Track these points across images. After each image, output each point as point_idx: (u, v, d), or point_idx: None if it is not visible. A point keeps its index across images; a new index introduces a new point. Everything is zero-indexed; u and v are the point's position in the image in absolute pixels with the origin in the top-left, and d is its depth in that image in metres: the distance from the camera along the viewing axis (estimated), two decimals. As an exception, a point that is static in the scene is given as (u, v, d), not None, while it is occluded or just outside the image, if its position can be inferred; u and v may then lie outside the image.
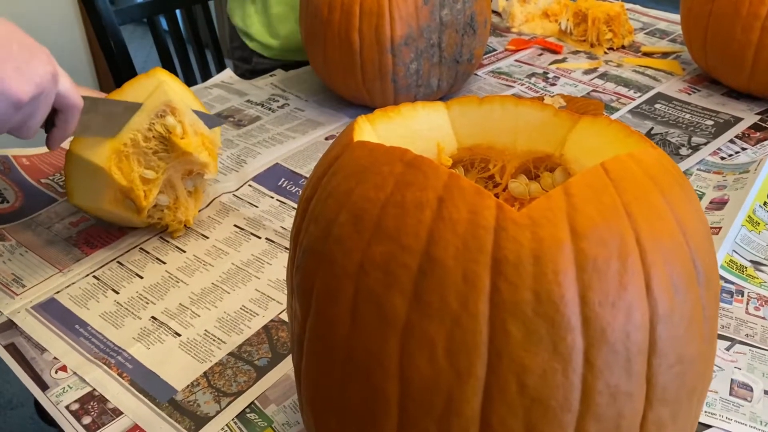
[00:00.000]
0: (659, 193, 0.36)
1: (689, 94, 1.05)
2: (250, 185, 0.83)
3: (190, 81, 1.39)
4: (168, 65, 1.37)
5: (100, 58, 1.91)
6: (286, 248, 0.70)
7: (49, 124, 0.58)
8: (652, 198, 0.35)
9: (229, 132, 0.94)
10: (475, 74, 1.11)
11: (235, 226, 0.73)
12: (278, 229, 0.74)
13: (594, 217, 0.33)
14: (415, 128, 0.49)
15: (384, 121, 0.48)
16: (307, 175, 0.84)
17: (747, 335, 0.62)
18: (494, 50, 1.20)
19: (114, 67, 1.28)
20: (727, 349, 0.61)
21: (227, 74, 1.12)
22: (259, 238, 0.72)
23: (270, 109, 1.01)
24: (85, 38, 1.86)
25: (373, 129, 0.47)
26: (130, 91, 0.66)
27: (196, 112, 0.70)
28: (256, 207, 0.78)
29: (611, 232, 0.33)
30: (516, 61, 1.16)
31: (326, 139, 0.93)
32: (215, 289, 0.64)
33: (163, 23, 1.36)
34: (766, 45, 0.92)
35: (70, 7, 1.35)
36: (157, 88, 0.66)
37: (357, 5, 0.87)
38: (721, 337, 0.62)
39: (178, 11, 1.37)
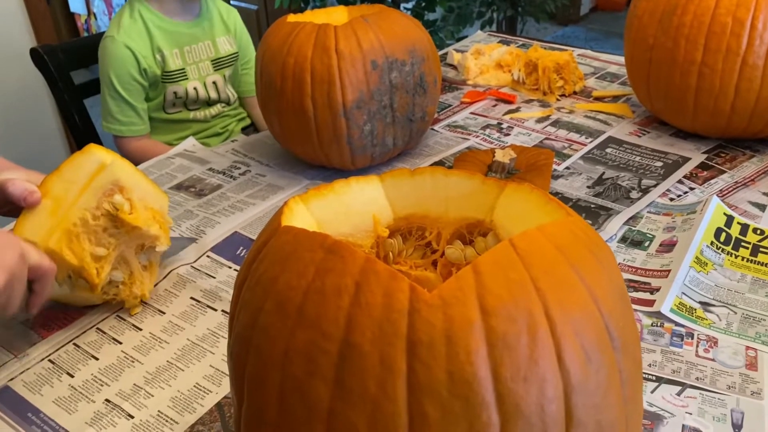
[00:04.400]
0: (568, 264, 0.38)
1: (639, 136, 1.09)
2: (208, 256, 0.84)
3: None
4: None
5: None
6: (243, 319, 0.71)
7: (28, 290, 0.62)
8: (561, 270, 0.37)
9: (189, 203, 0.95)
10: (432, 129, 1.14)
11: (191, 298, 0.74)
12: None
13: (502, 294, 0.35)
14: (350, 203, 0.51)
15: (318, 199, 0.49)
16: (267, 242, 0.85)
17: (697, 378, 0.63)
18: (450, 105, 1.23)
19: (79, 137, 1.30)
20: (678, 394, 0.62)
21: (190, 143, 1.14)
22: (215, 310, 0.72)
23: (231, 176, 1.02)
24: (54, 106, 1.89)
25: (307, 208, 0.49)
26: (68, 170, 0.67)
27: None
28: (214, 278, 0.79)
29: (519, 307, 0.35)
30: (471, 113, 1.20)
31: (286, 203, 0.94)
32: (170, 367, 0.64)
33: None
34: (704, 88, 0.96)
35: (39, 77, 1.38)
36: (103, 168, 0.68)
37: (308, 74, 0.90)
38: (672, 382, 0.63)
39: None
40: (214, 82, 1.33)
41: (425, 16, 2.48)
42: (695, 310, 0.72)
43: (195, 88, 1.30)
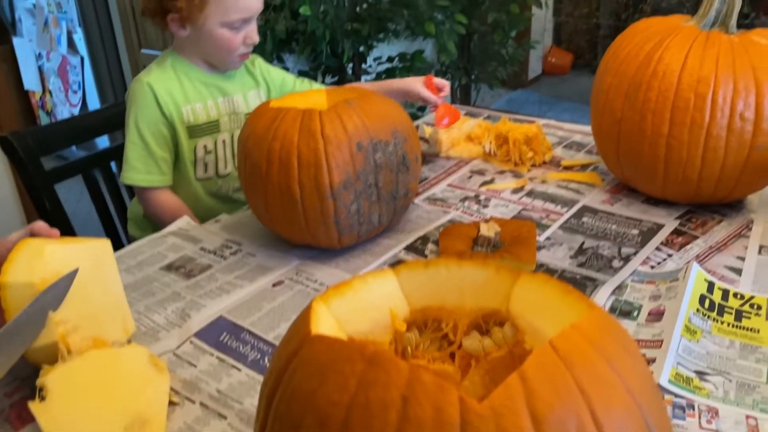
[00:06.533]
0: (605, 360, 0.38)
1: (612, 204, 1.13)
2: (191, 342, 0.82)
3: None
4: (105, 215, 1.37)
5: (33, 214, 1.88)
6: (219, 414, 0.69)
7: None
8: (600, 368, 0.38)
9: (177, 284, 0.94)
10: (413, 203, 1.15)
11: (171, 389, 0.72)
12: (213, 393, 0.72)
13: (551, 401, 0.35)
14: (368, 299, 0.51)
15: (337, 298, 0.49)
16: (250, 328, 0.84)
17: (705, 451, 0.64)
18: (427, 178, 1.26)
19: (49, 223, 1.27)
20: (689, 469, 0.63)
21: (185, 221, 1.13)
22: (193, 402, 0.70)
23: (222, 256, 1.02)
24: (16, 192, 1.84)
25: (328, 308, 0.48)
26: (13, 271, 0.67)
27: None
28: (194, 367, 0.77)
29: (568, 412, 0.35)
30: (449, 185, 1.22)
31: (273, 286, 0.94)
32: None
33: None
34: (673, 158, 1.01)
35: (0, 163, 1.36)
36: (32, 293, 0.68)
37: (295, 158, 0.91)
38: (682, 456, 0.64)
39: (113, 163, 1.39)
40: None
41: (386, 86, 2.54)
42: (692, 379, 0.73)
43: (224, 141, 1.28)
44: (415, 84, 1.33)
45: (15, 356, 0.65)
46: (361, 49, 2.44)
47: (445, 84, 1.34)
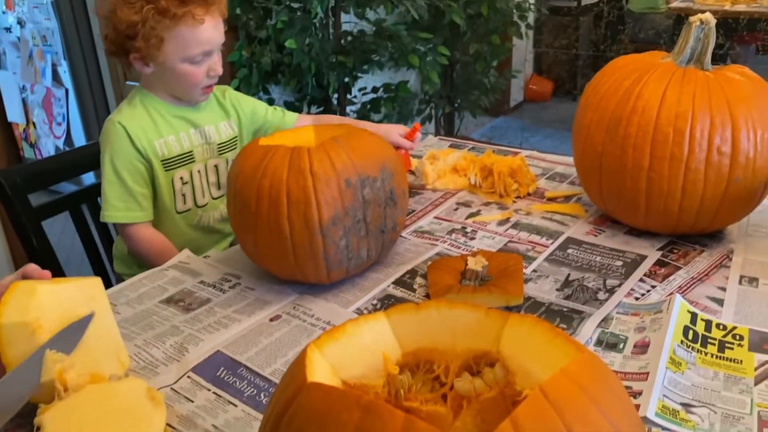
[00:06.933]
0: (594, 405, 0.40)
1: (595, 235, 1.15)
2: (188, 376, 0.82)
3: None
4: (92, 251, 1.37)
5: (17, 249, 1.87)
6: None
7: None
8: (589, 413, 0.39)
9: (177, 317, 0.95)
10: (401, 236, 1.17)
11: (167, 425, 0.72)
12: (210, 429, 0.73)
13: (543, 447, 0.36)
14: (361, 343, 0.52)
15: (331, 343, 0.50)
16: (247, 363, 0.85)
17: (693, 485, 0.65)
18: (414, 210, 1.27)
19: (36, 262, 1.26)
20: (678, 503, 0.63)
21: (185, 254, 1.14)
22: None
23: (221, 290, 1.02)
24: (1, 229, 1.83)
25: (322, 354, 0.49)
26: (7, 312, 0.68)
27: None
28: (192, 402, 0.78)
29: (561, 459, 0.36)
30: (435, 218, 1.24)
31: (271, 320, 0.94)
32: None
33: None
34: (654, 191, 1.03)
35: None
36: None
37: (284, 195, 0.92)
38: (671, 490, 0.65)
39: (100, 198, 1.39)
40: (215, 166, 1.31)
41: (371, 117, 2.58)
42: (678, 412, 0.75)
43: (199, 171, 1.28)
44: (393, 133, 1.37)
45: (21, 401, 0.65)
46: (346, 80, 2.47)
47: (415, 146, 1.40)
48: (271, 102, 2.44)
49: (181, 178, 1.27)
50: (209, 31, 1.18)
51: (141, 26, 1.12)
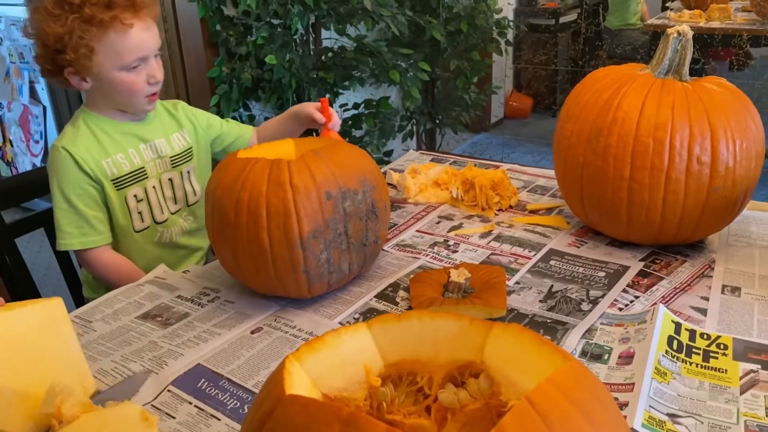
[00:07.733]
0: (581, 414, 0.38)
1: (578, 247, 1.14)
2: (169, 390, 0.80)
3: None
4: (67, 269, 1.34)
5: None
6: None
7: None
8: (576, 422, 0.38)
9: (154, 333, 0.93)
10: (383, 250, 1.15)
11: None
12: None
13: (530, 458, 0.35)
14: (342, 355, 0.50)
15: (311, 355, 0.49)
16: (229, 376, 0.83)
17: (681, 496, 0.64)
18: (396, 224, 1.26)
19: (10, 280, 1.23)
20: None
21: (162, 269, 1.11)
22: None
23: (200, 304, 1.00)
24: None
25: (302, 366, 0.48)
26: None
27: None
28: (173, 418, 0.76)
29: (549, 469, 0.35)
30: (417, 231, 1.23)
31: (252, 332, 0.92)
32: None
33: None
34: (635, 202, 1.03)
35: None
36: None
37: (263, 208, 0.90)
38: (659, 503, 0.63)
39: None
40: (170, 179, 1.28)
41: (353, 132, 2.57)
42: (665, 423, 0.74)
43: (154, 187, 1.25)
44: (307, 105, 1.36)
45: None
46: (327, 96, 2.47)
47: (336, 121, 1.36)
48: (251, 118, 2.42)
49: (135, 195, 1.23)
50: (140, 36, 1.14)
51: (68, 38, 1.09)
